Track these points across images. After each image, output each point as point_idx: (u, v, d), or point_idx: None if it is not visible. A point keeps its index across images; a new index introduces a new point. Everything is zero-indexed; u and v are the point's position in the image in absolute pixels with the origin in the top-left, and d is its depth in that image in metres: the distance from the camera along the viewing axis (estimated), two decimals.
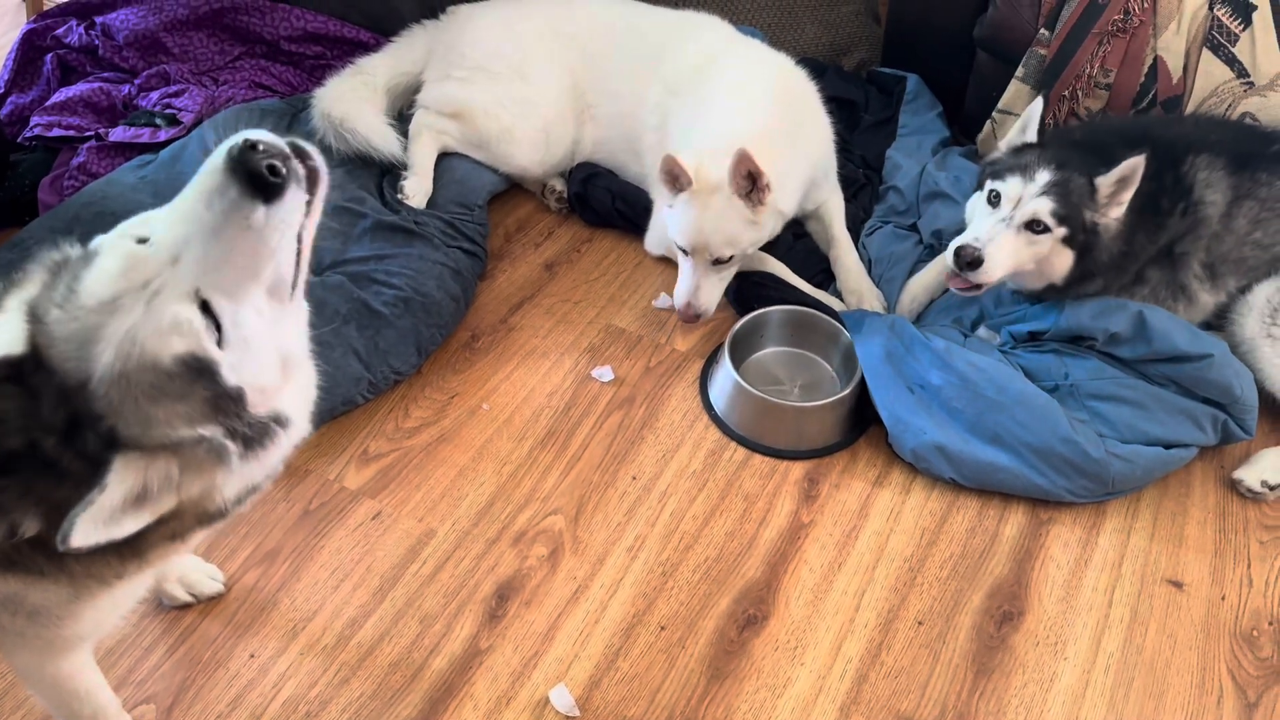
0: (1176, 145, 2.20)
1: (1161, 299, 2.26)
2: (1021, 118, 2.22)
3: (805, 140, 2.40)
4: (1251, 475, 2.13)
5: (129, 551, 1.17)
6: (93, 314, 1.04)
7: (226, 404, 1.12)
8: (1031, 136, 2.19)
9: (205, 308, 1.08)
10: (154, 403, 1.06)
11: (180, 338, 1.05)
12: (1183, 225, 2.20)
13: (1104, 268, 2.15)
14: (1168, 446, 2.11)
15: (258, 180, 1.05)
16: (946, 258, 2.13)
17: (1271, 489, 2.12)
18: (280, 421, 1.21)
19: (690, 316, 2.31)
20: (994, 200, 2.10)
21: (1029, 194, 2.05)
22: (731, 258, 2.27)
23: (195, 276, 1.07)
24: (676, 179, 2.18)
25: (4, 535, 1.08)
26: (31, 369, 1.05)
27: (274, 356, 1.18)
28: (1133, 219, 2.11)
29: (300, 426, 1.28)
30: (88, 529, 1.03)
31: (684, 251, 2.28)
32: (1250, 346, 2.21)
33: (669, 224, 2.29)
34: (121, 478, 1.06)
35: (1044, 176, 2.06)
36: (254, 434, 1.17)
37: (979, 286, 2.13)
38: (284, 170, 1.07)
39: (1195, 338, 2.12)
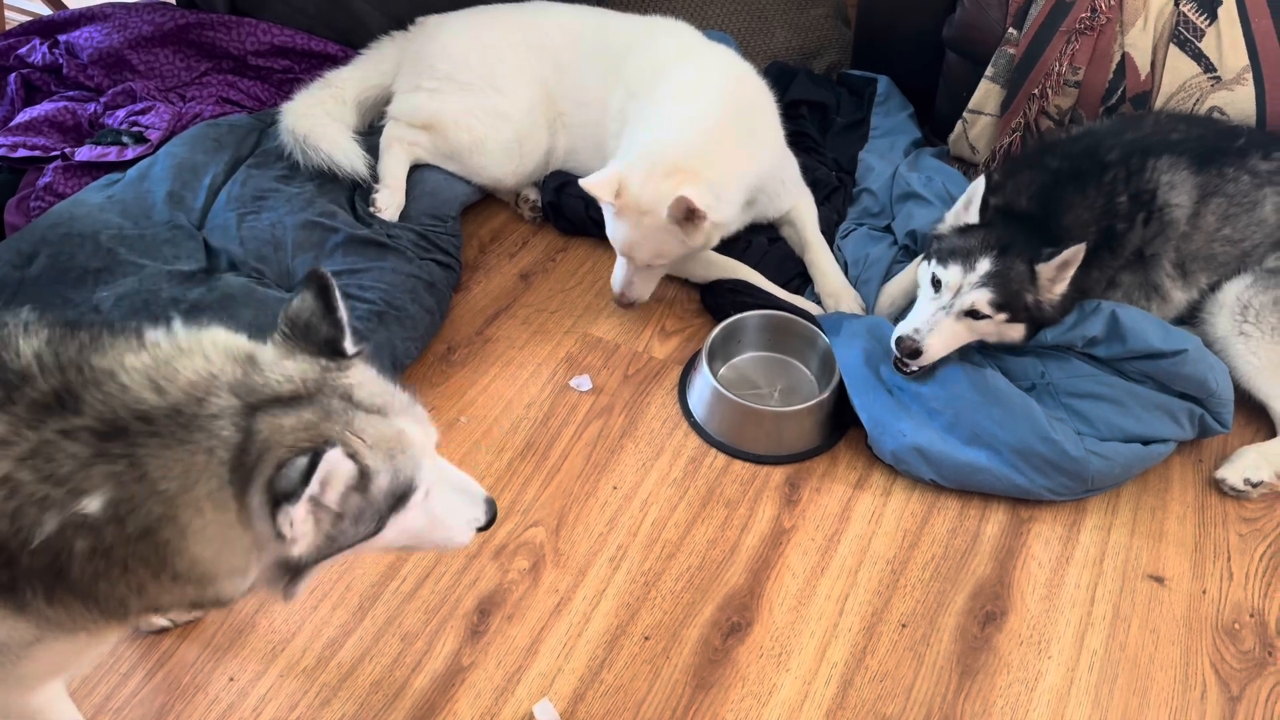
0: (1131, 158, 2.21)
1: (1135, 299, 2.28)
2: (964, 195, 2.19)
3: (750, 151, 2.36)
4: (1234, 474, 2.14)
5: (114, 611, 1.15)
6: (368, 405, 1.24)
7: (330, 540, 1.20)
8: (974, 217, 2.15)
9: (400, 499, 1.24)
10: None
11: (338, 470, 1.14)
12: (1148, 232, 2.21)
13: (1061, 315, 2.15)
14: (1146, 442, 2.12)
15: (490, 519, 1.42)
16: (891, 339, 2.13)
17: (1254, 486, 2.13)
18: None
19: (626, 304, 2.39)
20: (936, 285, 2.10)
21: (968, 284, 2.05)
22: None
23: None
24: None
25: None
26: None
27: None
28: (1080, 269, 2.09)
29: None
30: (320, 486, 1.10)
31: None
32: (1224, 345, 2.22)
33: (606, 222, 2.32)
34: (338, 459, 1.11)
35: (984, 266, 2.05)
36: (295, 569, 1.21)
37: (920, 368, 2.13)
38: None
39: (1168, 334, 2.13)
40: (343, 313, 1.26)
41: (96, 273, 2.20)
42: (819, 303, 2.48)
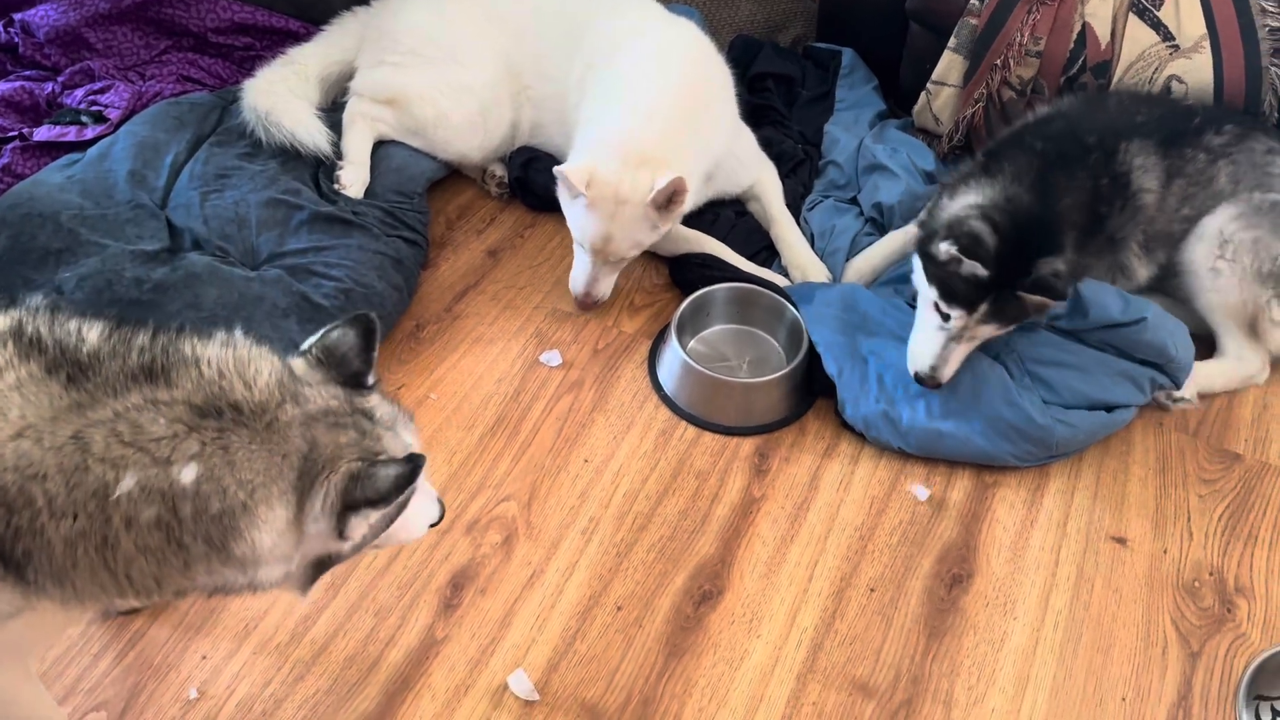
0: (1106, 141, 2.21)
1: (1101, 279, 2.29)
2: (960, 253, 2.00)
3: (708, 134, 2.34)
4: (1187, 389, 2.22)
5: (144, 585, 1.17)
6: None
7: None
8: (981, 270, 2.00)
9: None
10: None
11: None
12: (1123, 216, 2.23)
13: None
14: (1109, 409, 2.15)
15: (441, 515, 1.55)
16: (909, 365, 2.13)
17: (1175, 402, 2.24)
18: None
19: (589, 304, 2.35)
20: (944, 317, 2.07)
21: (974, 321, 2.05)
22: None
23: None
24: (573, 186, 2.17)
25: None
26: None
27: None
28: (1074, 257, 2.10)
29: None
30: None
31: (583, 246, 2.29)
32: (1193, 271, 2.26)
33: (570, 220, 2.28)
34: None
35: (984, 308, 2.03)
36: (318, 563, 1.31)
37: None
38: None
39: (1128, 304, 2.15)
40: (375, 353, 1.36)
41: (58, 253, 2.18)
42: (786, 275, 2.49)
